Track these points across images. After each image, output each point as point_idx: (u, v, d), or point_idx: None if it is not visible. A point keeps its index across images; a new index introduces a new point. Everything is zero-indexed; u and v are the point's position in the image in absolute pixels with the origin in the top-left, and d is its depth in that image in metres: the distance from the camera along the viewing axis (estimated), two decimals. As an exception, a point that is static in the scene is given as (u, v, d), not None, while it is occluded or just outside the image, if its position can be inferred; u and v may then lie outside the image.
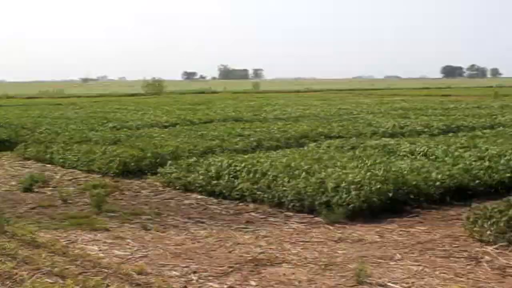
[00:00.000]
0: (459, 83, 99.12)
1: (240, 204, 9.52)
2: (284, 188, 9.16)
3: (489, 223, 7.15)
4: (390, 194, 8.76)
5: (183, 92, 58.66)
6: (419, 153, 11.95)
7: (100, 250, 7.04)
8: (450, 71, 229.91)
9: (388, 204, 8.73)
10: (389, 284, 5.90)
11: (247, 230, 7.98)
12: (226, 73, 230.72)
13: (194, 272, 6.26)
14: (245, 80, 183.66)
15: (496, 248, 6.91)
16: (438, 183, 9.38)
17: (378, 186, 8.76)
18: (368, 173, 9.26)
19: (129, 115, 23.74)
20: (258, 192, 9.51)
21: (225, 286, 5.89)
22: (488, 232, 7.11)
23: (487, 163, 10.42)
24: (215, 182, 10.14)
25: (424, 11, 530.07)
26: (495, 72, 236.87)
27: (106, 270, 6.24)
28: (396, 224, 8.18)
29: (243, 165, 10.34)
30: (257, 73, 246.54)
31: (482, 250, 6.90)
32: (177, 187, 10.71)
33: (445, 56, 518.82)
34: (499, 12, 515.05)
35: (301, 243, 7.35)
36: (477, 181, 9.80)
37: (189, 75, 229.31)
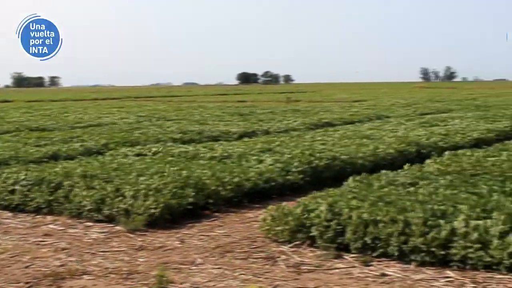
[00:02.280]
0: (254, 89, 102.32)
1: (37, 216, 9.21)
2: (82, 198, 8.99)
3: (283, 223, 7.45)
4: (190, 199, 8.87)
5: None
6: (218, 158, 12.20)
7: None
8: (246, 78, 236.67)
9: (188, 210, 8.83)
10: (190, 288, 5.99)
11: (45, 243, 7.74)
12: (20, 81, 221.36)
13: (-12, 291, 5.99)
14: (41, 88, 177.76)
15: (291, 247, 7.24)
16: (235, 186, 9.64)
17: (178, 192, 8.84)
18: (168, 179, 9.31)
19: None
20: (55, 204, 9.26)
21: (22, 303, 5.70)
22: (283, 232, 7.43)
23: (281, 166, 10.83)
24: (9, 194, 9.73)
25: (218, 17, 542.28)
26: (287, 78, 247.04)
27: None
28: (197, 229, 8.31)
29: (39, 175, 9.98)
30: (53, 80, 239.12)
31: (279, 250, 7.20)
32: (-32, 202, 10.13)
33: (240, 63, 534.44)
34: (289, 19, 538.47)
35: (102, 253, 7.25)
36: (272, 183, 10.19)
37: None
